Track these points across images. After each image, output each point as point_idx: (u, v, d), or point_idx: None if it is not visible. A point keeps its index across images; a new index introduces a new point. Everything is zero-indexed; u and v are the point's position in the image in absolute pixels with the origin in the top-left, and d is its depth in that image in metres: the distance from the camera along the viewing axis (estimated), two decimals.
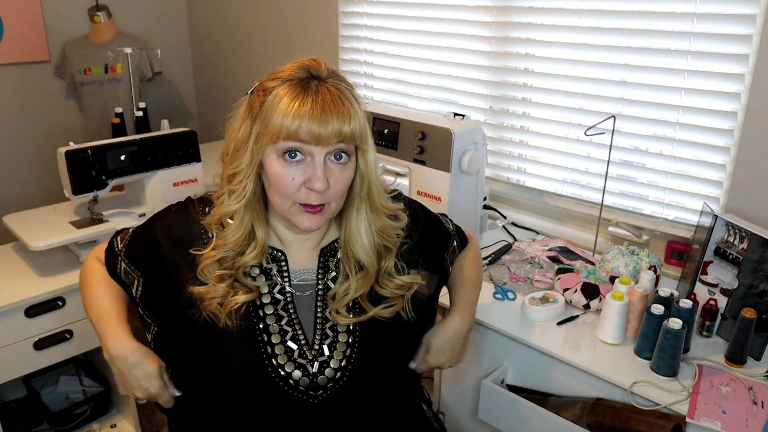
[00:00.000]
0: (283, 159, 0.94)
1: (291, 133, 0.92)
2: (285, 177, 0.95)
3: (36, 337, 1.73)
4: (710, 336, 1.46)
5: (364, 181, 1.02)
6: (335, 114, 0.92)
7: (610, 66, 1.81)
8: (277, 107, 0.92)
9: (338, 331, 1.03)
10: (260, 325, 1.01)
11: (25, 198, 2.98)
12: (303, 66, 0.96)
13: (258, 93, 0.97)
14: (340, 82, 0.97)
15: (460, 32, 2.16)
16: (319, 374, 1.01)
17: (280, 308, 1.03)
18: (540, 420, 1.39)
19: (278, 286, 1.05)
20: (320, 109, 0.91)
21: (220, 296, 0.99)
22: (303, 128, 0.91)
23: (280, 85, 0.94)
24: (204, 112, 3.58)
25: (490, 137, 2.14)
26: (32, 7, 2.89)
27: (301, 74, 0.95)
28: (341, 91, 0.94)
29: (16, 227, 1.85)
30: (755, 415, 1.20)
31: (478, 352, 1.58)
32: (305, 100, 0.92)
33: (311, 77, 0.95)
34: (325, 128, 0.91)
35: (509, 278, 1.72)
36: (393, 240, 1.08)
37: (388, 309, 1.05)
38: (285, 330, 1.02)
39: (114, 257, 1.12)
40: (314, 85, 0.94)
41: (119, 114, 2.39)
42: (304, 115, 0.91)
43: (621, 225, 1.88)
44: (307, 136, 0.92)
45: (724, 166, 1.66)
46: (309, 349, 1.02)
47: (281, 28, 2.86)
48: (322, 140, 0.92)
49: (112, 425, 2.09)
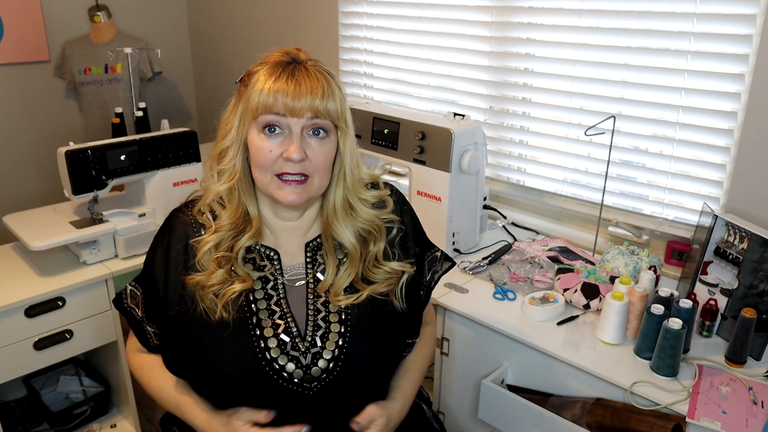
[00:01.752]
0: (263, 133, 1.00)
1: (267, 106, 0.97)
2: (263, 149, 1.00)
3: (36, 337, 1.73)
4: (710, 336, 1.46)
5: (344, 162, 1.06)
6: (309, 88, 0.98)
7: (610, 66, 1.81)
8: (256, 85, 0.99)
9: (330, 321, 1.05)
10: (253, 320, 1.03)
11: (25, 198, 2.98)
12: (286, 52, 1.03)
13: (244, 78, 1.04)
14: (319, 65, 1.03)
15: (460, 32, 2.16)
16: (312, 365, 1.02)
17: (273, 303, 1.05)
18: (540, 420, 1.38)
19: (271, 282, 1.07)
20: (295, 83, 0.97)
21: (218, 282, 1.02)
22: (279, 101, 0.97)
23: (262, 68, 1.01)
24: (204, 112, 3.58)
25: (490, 137, 2.14)
26: (32, 7, 2.89)
27: (282, 58, 1.02)
28: (319, 71, 1.01)
29: (16, 227, 1.84)
30: (755, 415, 1.20)
31: (478, 352, 1.58)
32: (281, 76, 0.98)
33: (291, 61, 1.02)
34: (299, 101, 0.97)
35: (509, 278, 1.72)
36: (378, 225, 1.10)
37: (382, 285, 1.07)
38: (277, 323, 1.04)
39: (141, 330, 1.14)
40: (293, 65, 1.00)
41: (119, 114, 2.39)
42: (279, 88, 0.97)
43: (621, 225, 1.88)
44: (283, 108, 0.97)
45: (724, 166, 1.66)
46: (302, 341, 1.03)
47: (281, 28, 2.86)
48: (296, 112, 0.97)
49: (112, 425, 2.09)
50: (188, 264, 1.06)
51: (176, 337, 1.06)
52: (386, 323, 1.08)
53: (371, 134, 1.92)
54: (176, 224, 1.10)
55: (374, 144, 1.91)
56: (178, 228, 1.09)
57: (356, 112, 1.97)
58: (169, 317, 1.06)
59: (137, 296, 1.13)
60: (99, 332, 1.85)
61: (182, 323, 1.04)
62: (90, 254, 1.86)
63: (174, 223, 1.11)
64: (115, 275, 1.83)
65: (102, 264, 1.87)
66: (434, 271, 1.23)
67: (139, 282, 1.13)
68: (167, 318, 1.06)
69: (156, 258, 1.09)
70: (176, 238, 1.09)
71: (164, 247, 1.09)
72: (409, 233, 1.17)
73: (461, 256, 1.85)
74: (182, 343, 1.05)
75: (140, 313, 1.13)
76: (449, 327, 1.62)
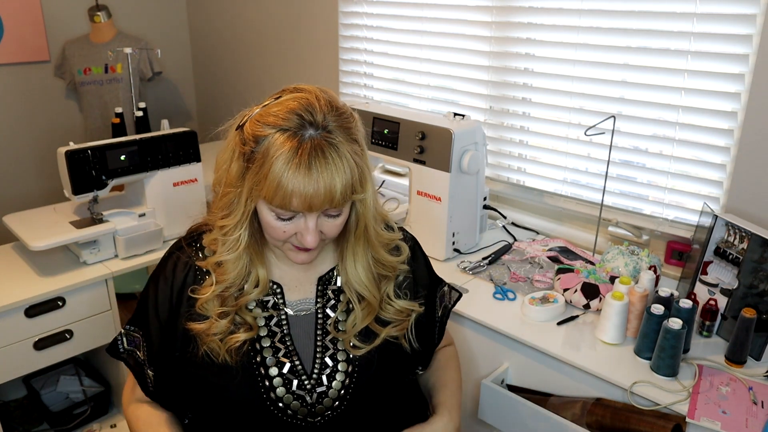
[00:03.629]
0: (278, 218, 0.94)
1: (282, 201, 0.89)
2: (276, 229, 0.94)
3: (36, 337, 1.73)
4: (710, 336, 1.46)
5: (360, 222, 1.01)
6: (328, 183, 0.88)
7: (610, 66, 1.81)
8: (270, 171, 0.88)
9: (338, 360, 1.02)
10: (257, 359, 1.00)
11: (25, 198, 2.98)
12: (297, 112, 0.90)
13: (249, 137, 0.92)
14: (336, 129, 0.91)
15: (460, 32, 2.16)
16: (317, 404, 1.00)
17: (278, 341, 1.02)
18: (540, 420, 1.38)
19: (275, 318, 1.04)
20: (313, 179, 0.88)
21: (221, 332, 0.98)
22: (295, 198, 0.89)
23: (273, 135, 0.90)
24: (204, 112, 3.58)
25: (490, 137, 2.14)
26: (32, 7, 2.89)
27: (294, 122, 0.90)
28: (336, 148, 0.89)
29: (16, 227, 1.84)
30: (755, 415, 1.20)
31: (478, 352, 1.58)
32: (298, 168, 0.87)
33: (305, 125, 0.90)
34: (317, 198, 0.89)
35: (509, 278, 1.72)
36: (392, 269, 1.07)
37: (395, 328, 1.05)
38: (282, 362, 1.01)
39: (141, 374, 1.08)
40: (308, 139, 0.89)
41: (119, 114, 2.39)
42: (296, 185, 0.88)
43: (621, 225, 1.88)
44: (300, 206, 0.90)
45: (724, 166, 1.66)
46: (308, 378, 1.01)
47: (281, 28, 2.86)
48: (314, 208, 0.91)
49: (112, 425, 2.09)
50: (189, 310, 1.02)
51: (177, 377, 1.03)
52: (395, 363, 1.07)
53: (371, 134, 1.92)
54: (176, 265, 1.05)
55: (374, 144, 1.91)
56: (178, 270, 1.05)
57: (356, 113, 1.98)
58: (169, 357, 1.03)
59: (136, 339, 1.07)
60: (99, 332, 1.85)
61: (184, 364, 1.02)
62: (90, 254, 1.86)
63: (173, 263, 1.06)
64: (115, 275, 1.83)
65: (102, 264, 1.87)
66: (444, 306, 1.20)
67: (135, 324, 1.08)
68: (170, 358, 1.03)
69: (155, 299, 1.05)
70: (176, 280, 1.04)
71: (163, 289, 1.04)
72: (419, 279, 1.14)
73: (461, 256, 1.85)
74: (184, 382, 1.03)
75: (142, 355, 1.06)
76: (449, 327, 1.62)
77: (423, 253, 1.19)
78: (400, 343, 1.06)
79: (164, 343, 1.04)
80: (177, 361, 1.02)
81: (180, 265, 1.05)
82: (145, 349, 1.06)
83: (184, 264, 1.05)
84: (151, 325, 1.04)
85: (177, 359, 1.02)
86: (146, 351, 1.06)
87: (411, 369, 1.15)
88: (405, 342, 1.07)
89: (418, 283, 1.14)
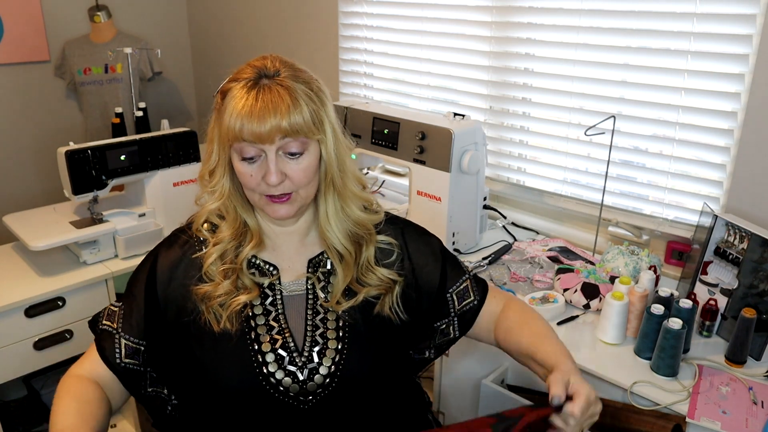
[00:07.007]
0: (243, 159, 0.99)
1: (236, 134, 0.96)
2: (245, 174, 1.00)
3: (36, 337, 1.74)
4: (710, 336, 1.46)
5: (329, 169, 1.04)
6: (272, 111, 0.94)
7: (610, 66, 1.81)
8: (227, 108, 0.97)
9: (328, 338, 1.05)
10: (251, 335, 1.04)
11: (25, 198, 2.97)
12: (254, 66, 0.99)
13: (220, 95, 1.01)
14: (288, 77, 0.98)
15: (460, 32, 2.15)
16: (308, 381, 1.03)
17: (272, 318, 1.06)
18: None
19: (270, 297, 1.07)
20: (258, 109, 0.94)
21: (225, 293, 1.03)
22: (245, 129, 0.95)
23: (234, 86, 0.98)
24: (204, 112, 3.58)
25: (490, 137, 2.14)
26: (32, 7, 2.89)
27: (250, 74, 0.98)
28: (285, 86, 0.96)
29: (16, 227, 1.85)
30: (755, 415, 1.20)
31: (478, 352, 1.58)
32: (246, 102, 0.95)
33: (258, 76, 0.98)
34: (263, 125, 0.94)
35: (509, 278, 1.72)
36: (368, 229, 1.10)
37: (376, 289, 1.07)
38: (275, 338, 1.04)
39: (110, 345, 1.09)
40: (261, 84, 0.96)
41: (119, 114, 2.39)
42: (244, 116, 0.95)
43: (621, 225, 1.88)
44: (250, 136, 0.95)
45: (724, 166, 1.66)
46: (299, 355, 1.04)
47: (281, 28, 2.86)
48: (264, 138, 0.95)
49: (112, 425, 2.09)
50: (190, 277, 1.06)
51: (170, 348, 1.06)
52: (384, 338, 1.08)
53: (371, 134, 1.92)
54: (175, 242, 1.10)
55: (374, 144, 1.91)
56: (176, 245, 1.09)
57: (356, 112, 1.99)
58: (163, 327, 1.06)
59: (115, 312, 1.10)
60: None
61: (179, 334, 1.05)
62: (90, 254, 1.86)
63: (172, 240, 1.11)
64: (115, 275, 1.84)
65: (102, 264, 1.87)
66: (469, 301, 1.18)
67: (126, 297, 1.10)
68: (164, 328, 1.06)
69: (154, 269, 1.08)
70: (173, 252, 1.08)
71: (163, 260, 1.08)
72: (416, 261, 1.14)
73: (461, 256, 1.85)
74: (177, 354, 1.05)
75: (114, 325, 1.08)
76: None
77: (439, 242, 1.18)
78: (389, 316, 1.08)
79: (153, 312, 1.06)
80: (169, 330, 1.05)
81: (178, 241, 1.10)
82: (120, 319, 1.08)
83: (183, 241, 1.10)
84: (153, 291, 1.07)
85: (169, 329, 1.05)
86: (121, 321, 1.08)
87: (405, 346, 1.15)
88: (393, 316, 1.09)
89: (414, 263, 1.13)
